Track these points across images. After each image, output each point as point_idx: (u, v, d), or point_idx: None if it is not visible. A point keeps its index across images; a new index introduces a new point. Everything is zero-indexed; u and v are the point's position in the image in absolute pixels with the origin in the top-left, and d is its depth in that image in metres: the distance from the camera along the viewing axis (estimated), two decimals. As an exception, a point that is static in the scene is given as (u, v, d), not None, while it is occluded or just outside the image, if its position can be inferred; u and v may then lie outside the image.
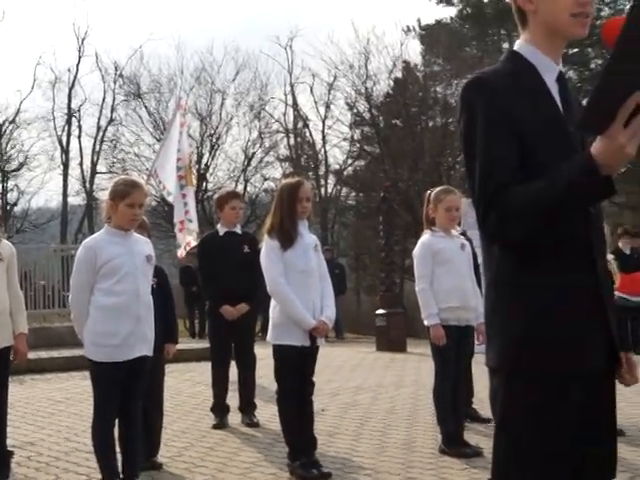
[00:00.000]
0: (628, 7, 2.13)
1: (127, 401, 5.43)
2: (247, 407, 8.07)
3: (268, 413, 8.02)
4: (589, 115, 2.32)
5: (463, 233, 7.47)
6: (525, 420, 2.62)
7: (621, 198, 30.20)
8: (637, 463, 6.44)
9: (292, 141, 33.39)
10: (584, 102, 2.51)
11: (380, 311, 16.40)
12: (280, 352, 6.16)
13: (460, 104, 2.69)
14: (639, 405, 8.89)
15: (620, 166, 2.39)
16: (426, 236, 6.97)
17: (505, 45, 29.31)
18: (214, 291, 8.09)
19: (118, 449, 5.48)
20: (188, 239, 11.98)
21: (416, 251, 7.01)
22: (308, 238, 6.31)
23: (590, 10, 2.62)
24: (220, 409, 8.04)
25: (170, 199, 12.71)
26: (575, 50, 27.34)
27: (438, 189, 7.15)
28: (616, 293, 12.55)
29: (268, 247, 6.23)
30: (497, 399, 2.70)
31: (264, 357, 7.99)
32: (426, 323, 6.80)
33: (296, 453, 6.12)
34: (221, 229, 8.22)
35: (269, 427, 7.72)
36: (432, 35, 31.16)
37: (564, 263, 2.60)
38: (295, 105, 33.16)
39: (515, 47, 2.77)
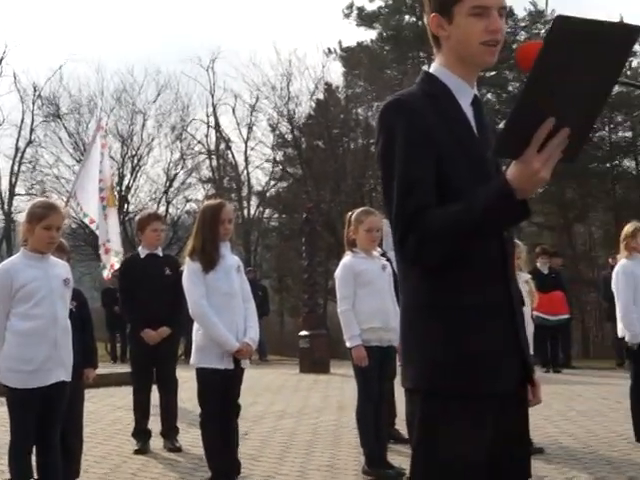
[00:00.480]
0: (544, 32, 2.17)
1: (45, 427, 5.33)
2: (169, 432, 7.96)
3: (191, 437, 7.95)
4: (505, 140, 2.34)
5: (384, 254, 7.51)
6: (441, 441, 2.63)
7: (540, 218, 30.73)
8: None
9: (214, 162, 33.24)
10: (502, 125, 2.54)
11: (303, 332, 16.39)
12: (203, 375, 6.11)
13: (379, 125, 2.69)
14: (557, 423, 9.02)
15: (535, 190, 2.42)
16: (347, 257, 6.97)
17: (425, 67, 29.68)
18: (135, 314, 7.99)
19: (37, 476, 5.38)
20: (112, 261, 11.83)
21: (338, 273, 7.02)
22: (230, 260, 6.29)
23: (499, 38, 2.65)
24: (142, 434, 7.92)
25: (86, 221, 12.55)
26: (493, 73, 27.77)
27: (358, 210, 7.16)
28: (534, 313, 12.73)
29: (190, 270, 6.20)
30: (414, 420, 2.70)
31: (187, 380, 7.93)
32: (348, 344, 6.78)
33: (219, 478, 6.07)
34: (142, 251, 8.13)
35: (192, 452, 7.63)
36: (353, 57, 31.36)
37: (479, 285, 2.62)
38: (217, 126, 33.07)
39: (430, 69, 2.80)
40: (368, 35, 32.26)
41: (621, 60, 2.29)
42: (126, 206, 30.91)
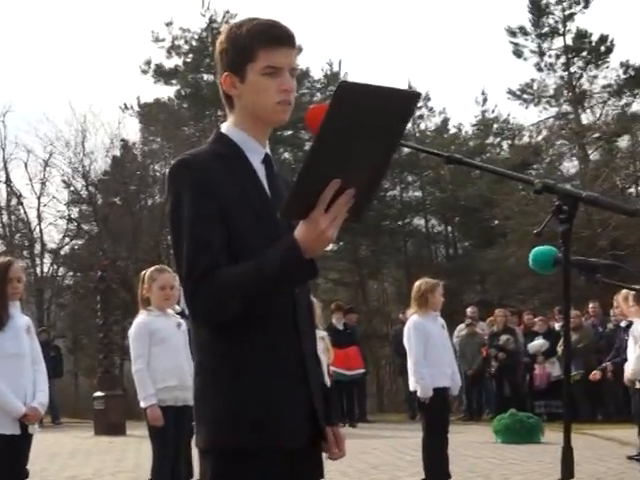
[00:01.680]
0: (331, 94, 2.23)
1: None
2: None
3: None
4: (292, 202, 2.37)
5: (182, 312, 7.45)
6: None
7: (335, 275, 31.32)
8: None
9: (5, 219, 32.16)
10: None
11: (98, 394, 16.06)
12: (-12, 442, 5.84)
13: (167, 186, 2.67)
14: (352, 477, 9.12)
15: (322, 249, 2.45)
16: (141, 316, 6.89)
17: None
18: None
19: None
20: None
21: (131, 331, 6.93)
22: (20, 320, 6.06)
23: (291, 98, 2.70)
24: None
25: None
26: (290, 132, 28.27)
27: (152, 268, 7.12)
28: (331, 368, 12.89)
29: (-24, 331, 5.94)
30: (207, 479, 2.68)
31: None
32: (143, 404, 6.68)
33: None
34: None
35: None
36: (151, 114, 31.24)
37: (270, 342, 2.63)
38: (8, 181, 31.99)
39: (222, 129, 2.80)
40: (166, 92, 32.30)
41: (403, 124, 2.36)
42: None
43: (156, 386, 6.68)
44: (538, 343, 16.31)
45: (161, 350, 6.75)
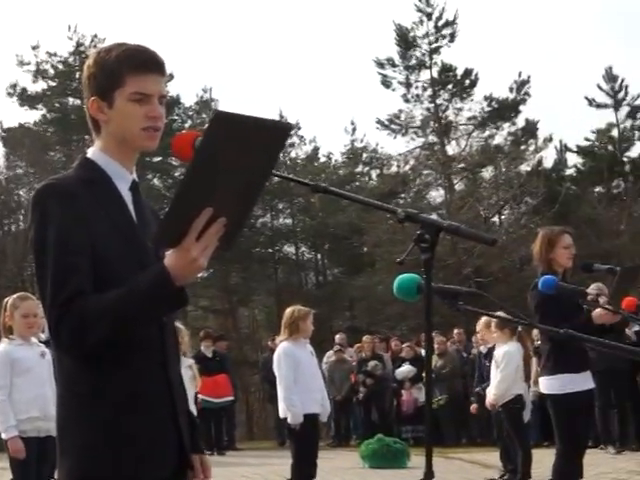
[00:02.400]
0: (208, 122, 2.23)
1: None
2: None
3: None
4: (164, 229, 2.37)
5: (46, 341, 7.29)
6: None
7: (205, 302, 31.10)
8: None
9: None
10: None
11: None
12: None
13: (31, 211, 2.62)
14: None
15: (192, 277, 2.46)
16: (3, 345, 6.75)
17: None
18: None
19: None
20: None
21: (-7, 360, 6.76)
22: None
23: (159, 124, 2.70)
24: None
25: None
26: (159, 159, 28.02)
27: (15, 296, 7.00)
28: (199, 396, 12.77)
29: None
30: None
31: None
32: (4, 436, 6.54)
33: None
34: None
35: None
36: (15, 138, 30.65)
37: (136, 372, 2.61)
38: None
39: (89, 154, 2.77)
40: (32, 116, 31.68)
41: (275, 154, 2.40)
42: None
43: (18, 417, 6.55)
44: (405, 369, 16.54)
45: (24, 380, 6.61)
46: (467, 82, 28.99)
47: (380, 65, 29.16)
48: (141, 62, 2.67)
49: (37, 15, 48.40)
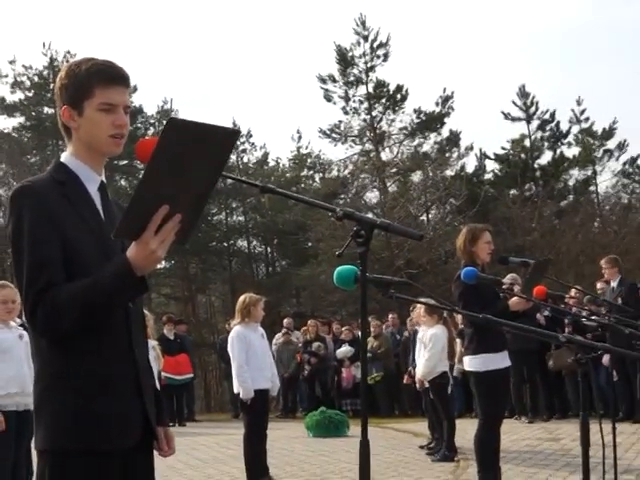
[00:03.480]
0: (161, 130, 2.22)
1: None
2: None
3: None
4: (125, 224, 2.35)
5: (23, 324, 7.19)
6: None
7: (167, 290, 31.00)
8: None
9: None
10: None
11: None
12: None
13: (9, 210, 2.62)
14: (181, 470, 9.02)
15: (152, 268, 2.44)
16: (-16, 328, 6.65)
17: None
18: None
19: None
20: None
21: (-25, 343, 6.65)
22: None
23: (124, 132, 2.69)
24: None
25: None
26: (126, 162, 27.82)
27: (-6, 284, 6.91)
28: (163, 373, 12.70)
29: None
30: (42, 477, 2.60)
31: None
32: (-16, 410, 6.46)
33: None
34: None
35: None
36: (-4, 142, 30.47)
37: (104, 354, 2.60)
38: None
39: (61, 158, 2.76)
40: (10, 123, 31.33)
41: (224, 157, 2.37)
42: None
43: (-2, 393, 6.48)
44: (345, 349, 16.56)
45: (3, 360, 6.57)
46: (399, 97, 29.12)
47: (322, 81, 29.26)
48: (108, 76, 2.66)
49: (14, 32, 47.83)
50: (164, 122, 2.28)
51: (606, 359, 11.20)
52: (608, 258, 11.88)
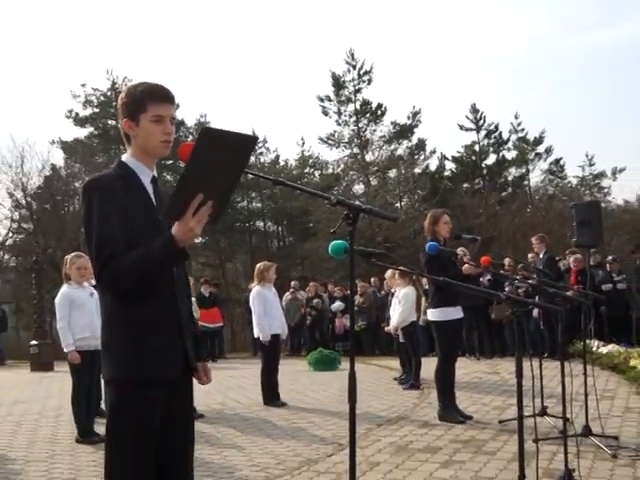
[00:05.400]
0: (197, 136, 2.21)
1: None
2: None
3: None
4: (170, 208, 2.34)
5: (94, 285, 7.20)
6: (128, 416, 2.56)
7: (203, 259, 30.97)
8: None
9: (-37, 220, 30.12)
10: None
11: (33, 342, 15.33)
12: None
13: (82, 197, 2.61)
14: (213, 396, 9.04)
15: (191, 241, 2.42)
16: (64, 288, 6.69)
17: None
18: None
19: None
20: None
21: (57, 299, 6.71)
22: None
23: (171, 138, 2.66)
24: None
25: None
26: (170, 162, 27.73)
27: (72, 254, 6.93)
28: (200, 323, 12.71)
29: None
30: (107, 402, 2.62)
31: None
32: (65, 350, 6.50)
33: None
34: None
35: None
36: (72, 146, 30.32)
37: (155, 307, 2.59)
38: (-33, 193, 30.07)
39: (123, 158, 2.73)
40: (82, 132, 31.22)
41: (246, 157, 2.36)
42: None
43: (75, 337, 6.49)
44: (337, 304, 16.58)
45: (79, 312, 6.58)
46: (379, 112, 29.15)
47: (321, 99, 29.29)
48: (158, 95, 2.64)
49: (84, 62, 47.72)
50: (199, 130, 2.26)
51: (535, 312, 11.27)
52: (537, 236, 11.87)
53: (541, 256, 11.36)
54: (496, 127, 30.81)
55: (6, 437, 6.72)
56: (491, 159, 31.20)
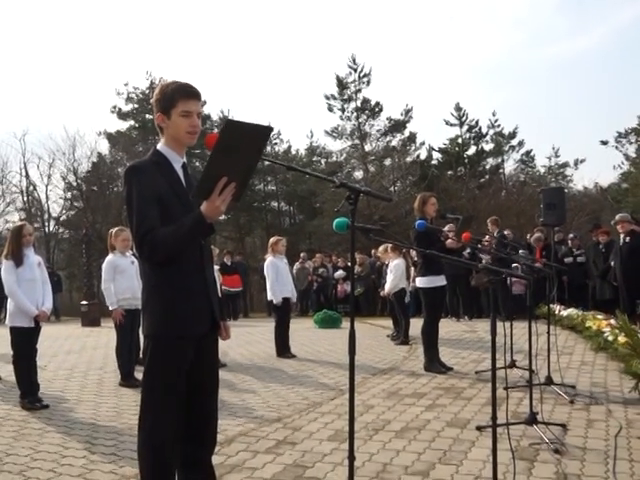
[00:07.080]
0: (222, 126, 2.19)
1: None
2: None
3: (6, 371, 7.13)
4: (199, 189, 2.34)
5: (135, 254, 7.20)
6: (161, 367, 2.58)
7: (225, 233, 30.99)
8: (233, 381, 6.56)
9: (25, 198, 30.15)
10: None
11: (84, 302, 15.43)
12: (15, 331, 5.53)
13: (123, 180, 2.61)
14: (234, 349, 9.08)
15: (217, 217, 2.41)
16: (110, 256, 6.69)
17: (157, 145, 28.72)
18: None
19: None
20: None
21: (104, 265, 6.71)
22: (34, 258, 5.72)
23: (197, 130, 2.64)
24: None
25: None
26: (198, 150, 27.65)
27: (116, 228, 6.95)
28: (222, 287, 12.74)
29: (6, 265, 5.58)
30: (146, 353, 2.63)
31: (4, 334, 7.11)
32: (110, 308, 6.53)
33: (26, 395, 5.52)
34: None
35: (9, 380, 6.84)
36: (115, 137, 30.24)
37: (185, 273, 2.59)
38: (27, 175, 29.97)
39: (157, 147, 2.72)
40: (124, 125, 31.13)
41: (263, 145, 2.34)
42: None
43: (118, 297, 6.51)
44: (340, 273, 16.59)
45: (122, 277, 6.58)
46: (377, 109, 28.95)
47: (327, 98, 29.16)
48: (187, 92, 2.61)
49: (128, 64, 47.50)
50: (223, 122, 2.24)
51: (508, 280, 11.22)
52: (491, 219, 12.10)
53: (495, 234, 11.40)
54: (476, 123, 30.74)
55: (62, 381, 6.78)
56: (472, 150, 31.07)
